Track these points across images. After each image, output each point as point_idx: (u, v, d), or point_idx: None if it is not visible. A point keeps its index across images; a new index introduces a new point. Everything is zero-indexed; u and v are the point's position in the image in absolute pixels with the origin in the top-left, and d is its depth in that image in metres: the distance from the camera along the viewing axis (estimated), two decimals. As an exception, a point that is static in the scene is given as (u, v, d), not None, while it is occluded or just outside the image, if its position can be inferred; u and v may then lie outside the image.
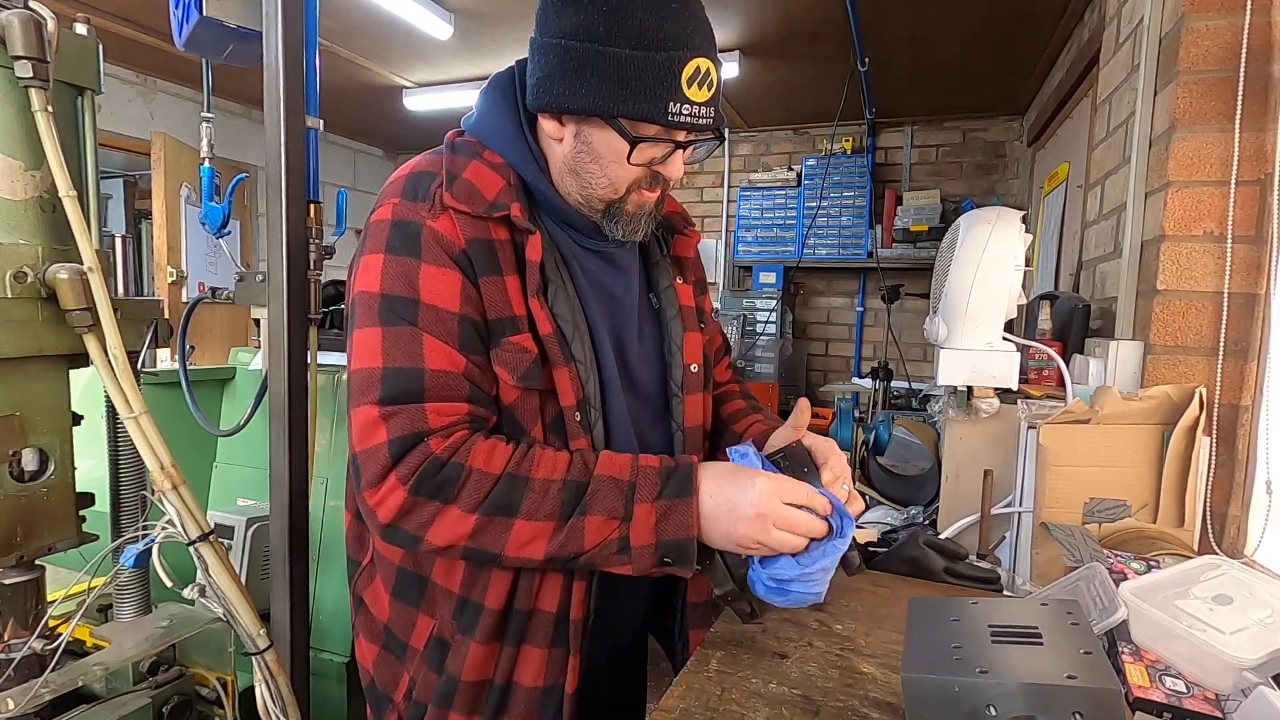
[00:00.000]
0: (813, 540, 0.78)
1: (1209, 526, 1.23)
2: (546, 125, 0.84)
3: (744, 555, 0.82)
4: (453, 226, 0.80)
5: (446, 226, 0.80)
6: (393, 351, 0.78)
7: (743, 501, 0.77)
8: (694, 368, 0.97)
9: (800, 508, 0.78)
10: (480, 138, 0.88)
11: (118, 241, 1.32)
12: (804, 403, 0.89)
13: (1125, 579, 0.96)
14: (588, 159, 0.83)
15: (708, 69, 0.78)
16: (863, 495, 0.98)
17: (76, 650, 1.22)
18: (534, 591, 0.86)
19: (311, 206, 1.27)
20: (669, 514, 0.77)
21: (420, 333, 0.78)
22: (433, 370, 0.78)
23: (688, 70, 0.77)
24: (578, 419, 0.84)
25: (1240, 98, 1.26)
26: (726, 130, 0.87)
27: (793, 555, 0.78)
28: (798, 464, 0.83)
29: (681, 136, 0.82)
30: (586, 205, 0.87)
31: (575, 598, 0.87)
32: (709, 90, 0.79)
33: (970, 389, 1.41)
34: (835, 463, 0.86)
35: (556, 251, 0.88)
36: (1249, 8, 1.25)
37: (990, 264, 1.32)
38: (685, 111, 0.78)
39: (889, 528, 1.60)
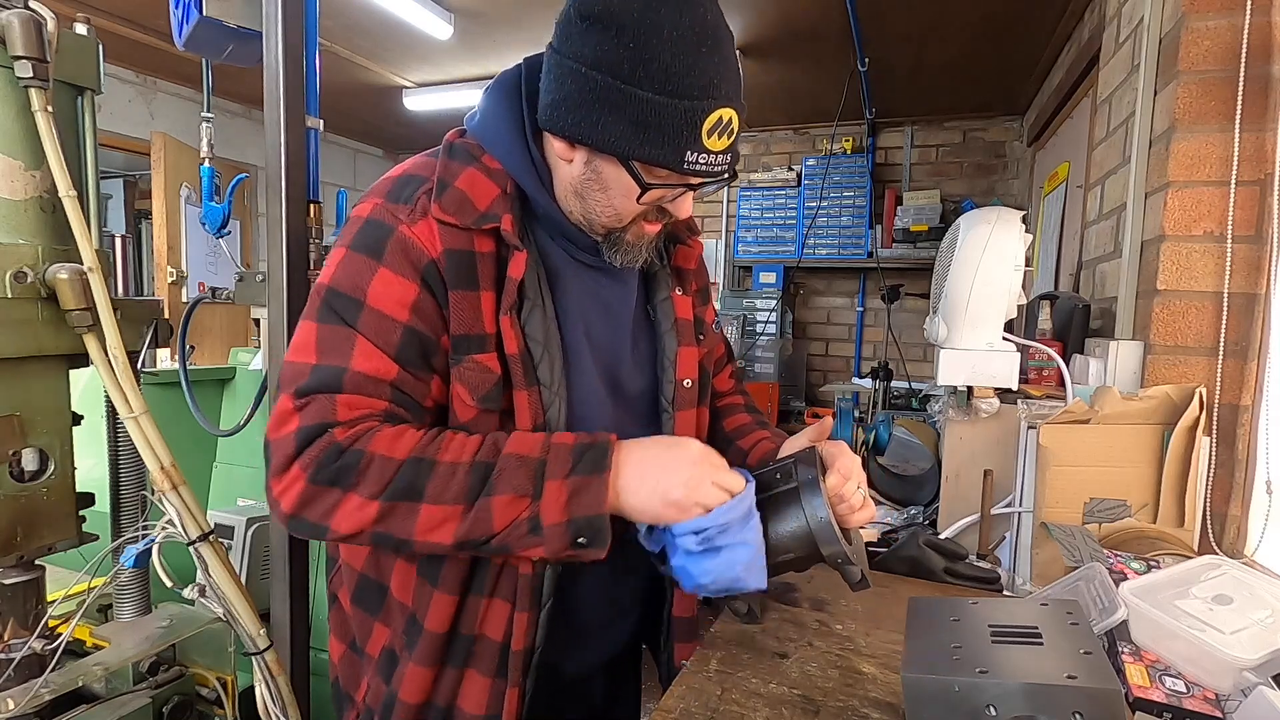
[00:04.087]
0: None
1: (1209, 526, 1.23)
2: (556, 145, 0.81)
3: (659, 523, 0.78)
4: (430, 234, 0.77)
5: (423, 233, 0.77)
6: (323, 348, 0.76)
7: (680, 457, 0.76)
8: (687, 383, 0.95)
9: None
10: (481, 141, 0.85)
11: (118, 241, 1.32)
12: (827, 421, 0.89)
13: (1125, 579, 0.96)
14: (595, 188, 0.81)
15: (730, 118, 0.75)
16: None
17: (76, 650, 1.22)
18: (480, 617, 0.84)
19: (311, 206, 1.27)
20: (581, 490, 0.74)
21: (355, 334, 0.76)
22: (355, 370, 0.75)
23: (709, 121, 0.74)
24: None
25: (1240, 98, 1.26)
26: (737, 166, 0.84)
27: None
28: (807, 467, 0.81)
29: (695, 180, 0.79)
30: (588, 226, 0.85)
31: (517, 629, 0.84)
32: (729, 138, 0.76)
33: (970, 389, 1.41)
34: (843, 464, 0.84)
35: (543, 267, 0.85)
36: (1249, 8, 1.25)
37: (990, 264, 1.32)
38: (702, 161, 0.76)
39: (889, 528, 1.60)
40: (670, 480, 0.75)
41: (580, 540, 0.74)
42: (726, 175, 0.80)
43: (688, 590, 0.79)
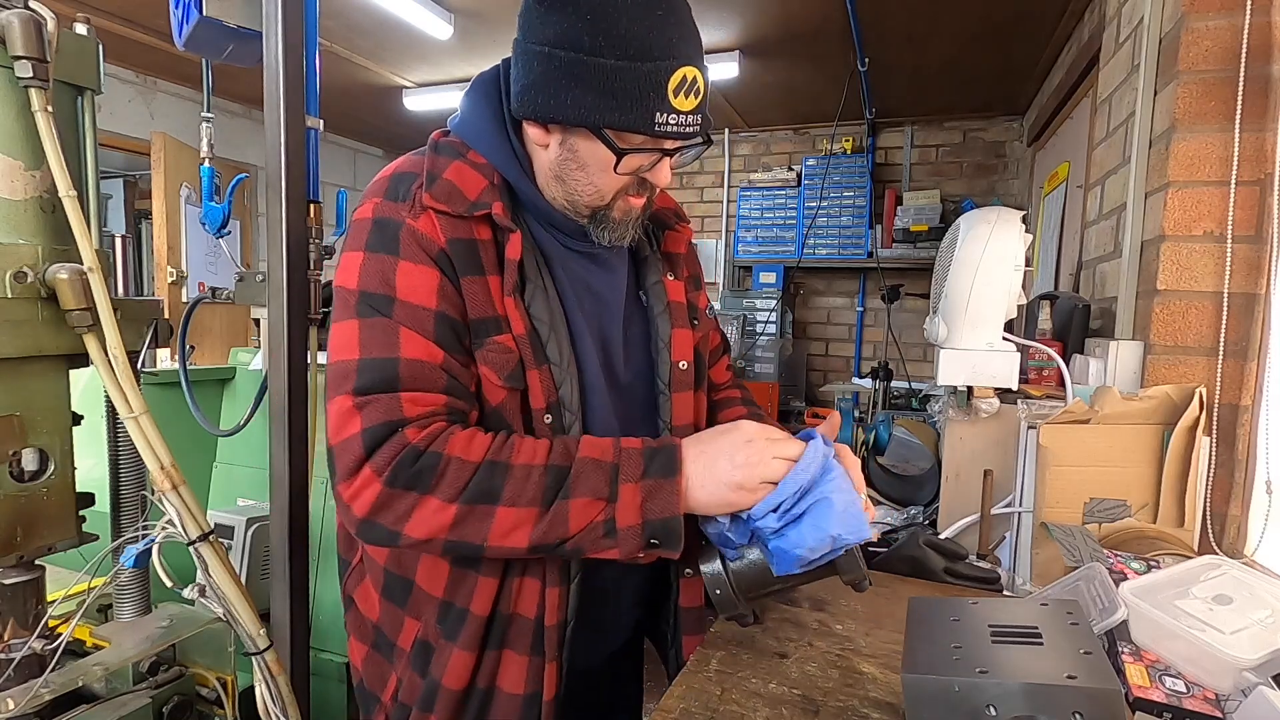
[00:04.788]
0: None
1: (1209, 526, 1.23)
2: (532, 132, 0.83)
3: (733, 515, 0.78)
4: (433, 226, 0.80)
5: (426, 225, 0.80)
6: (368, 343, 0.77)
7: (735, 440, 0.77)
8: (683, 365, 0.96)
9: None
10: (464, 139, 0.87)
11: (118, 241, 1.32)
12: (835, 417, 0.89)
13: (1125, 579, 0.96)
14: (574, 167, 0.82)
15: (694, 77, 0.77)
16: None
17: (76, 650, 1.22)
18: (514, 596, 0.86)
19: (311, 206, 1.27)
20: (655, 493, 0.75)
21: (396, 324, 0.78)
22: (408, 359, 0.77)
23: (674, 80, 0.76)
24: (548, 421, 0.83)
25: (1240, 98, 1.26)
26: (714, 133, 0.84)
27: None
28: None
29: (669, 145, 0.81)
30: (572, 210, 0.86)
31: (550, 603, 0.86)
32: (696, 98, 0.78)
33: (970, 389, 1.41)
34: (850, 473, 0.84)
35: (538, 251, 0.87)
36: (1249, 8, 1.25)
37: (990, 264, 1.32)
38: (672, 121, 0.77)
39: (889, 528, 1.60)
40: (728, 465, 0.76)
41: (654, 541, 0.75)
42: (700, 139, 0.81)
43: (793, 570, 0.76)
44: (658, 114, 0.76)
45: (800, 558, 0.74)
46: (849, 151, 4.27)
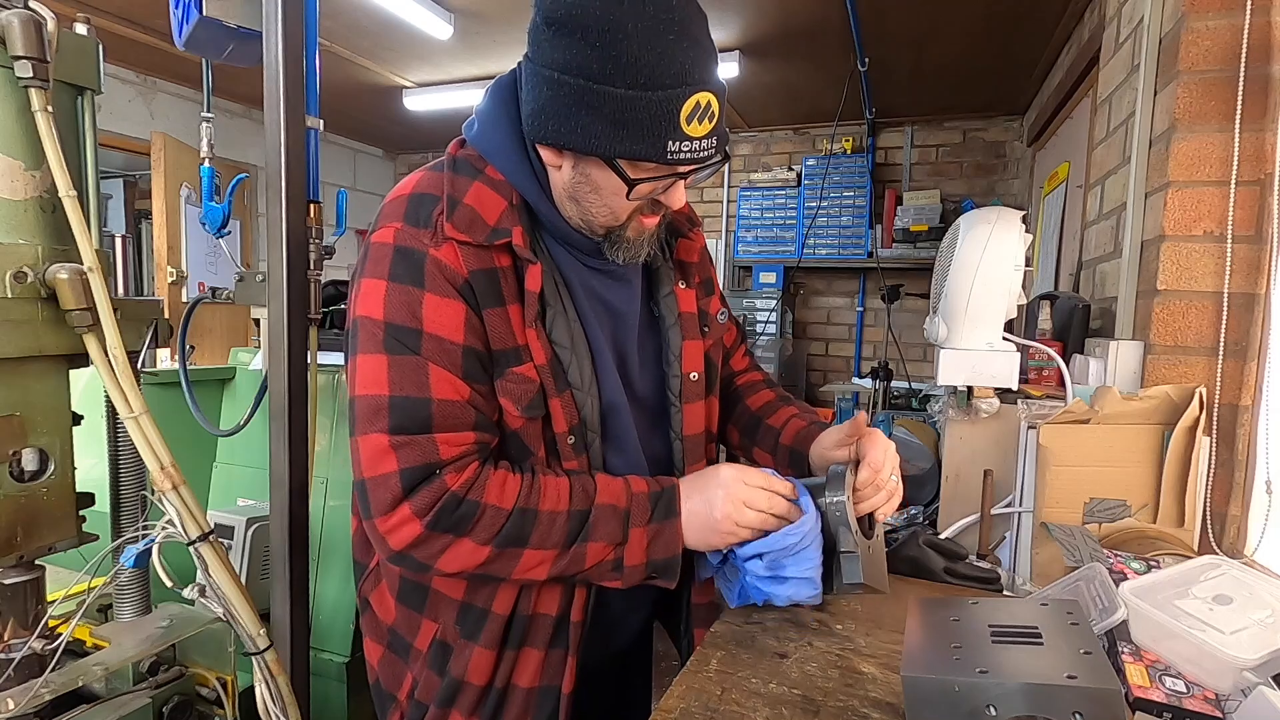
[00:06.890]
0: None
1: (1209, 526, 1.23)
2: (545, 153, 0.82)
3: (724, 550, 0.89)
4: (455, 256, 0.80)
5: (449, 256, 0.79)
6: (399, 380, 0.78)
7: (714, 493, 0.85)
8: (694, 376, 0.97)
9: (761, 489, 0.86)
10: (482, 152, 0.86)
11: (118, 241, 1.32)
12: (861, 415, 0.93)
13: (1125, 579, 0.96)
14: (587, 189, 0.81)
15: (708, 102, 0.75)
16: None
17: (76, 650, 1.22)
18: (535, 597, 0.89)
19: (311, 206, 1.27)
20: (658, 535, 0.84)
21: (425, 362, 0.78)
22: (440, 400, 0.79)
23: (686, 108, 0.73)
24: (571, 443, 0.86)
25: (1240, 98, 1.26)
26: (730, 149, 0.84)
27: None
28: (834, 485, 0.88)
29: (683, 169, 0.79)
30: (588, 229, 0.86)
31: (577, 601, 0.89)
32: (710, 122, 0.76)
33: (970, 389, 1.41)
34: (873, 457, 0.89)
35: (558, 273, 0.88)
36: (1249, 8, 1.25)
37: (990, 264, 1.32)
38: (685, 148, 0.75)
39: (889, 528, 1.60)
40: (714, 515, 0.84)
41: (653, 575, 0.85)
42: (715, 160, 0.80)
43: (748, 601, 0.92)
44: (670, 143, 0.74)
45: (766, 598, 0.90)
46: (849, 151, 4.27)
